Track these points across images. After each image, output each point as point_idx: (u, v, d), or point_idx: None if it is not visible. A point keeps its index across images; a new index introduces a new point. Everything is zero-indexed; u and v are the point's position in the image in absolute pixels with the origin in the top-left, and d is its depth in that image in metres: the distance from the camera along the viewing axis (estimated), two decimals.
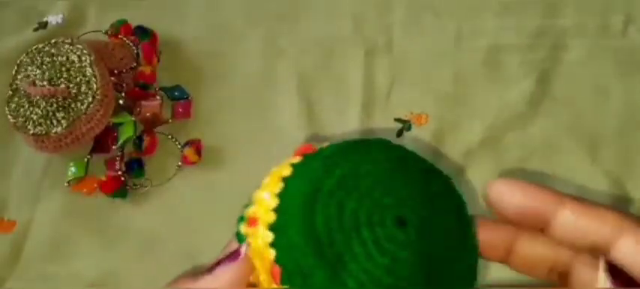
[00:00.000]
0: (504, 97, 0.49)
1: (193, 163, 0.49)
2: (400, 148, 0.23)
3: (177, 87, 0.51)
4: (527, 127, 0.48)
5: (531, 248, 0.23)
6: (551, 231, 0.21)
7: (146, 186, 0.49)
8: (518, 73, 0.49)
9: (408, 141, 0.48)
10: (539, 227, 0.22)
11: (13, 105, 0.48)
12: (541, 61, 0.49)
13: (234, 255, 0.22)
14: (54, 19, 0.54)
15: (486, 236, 0.23)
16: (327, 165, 0.22)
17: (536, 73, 0.49)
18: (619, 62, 0.49)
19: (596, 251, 0.21)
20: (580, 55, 0.49)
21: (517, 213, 0.21)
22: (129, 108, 0.49)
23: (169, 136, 0.50)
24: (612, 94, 0.48)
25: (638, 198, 0.45)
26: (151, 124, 0.50)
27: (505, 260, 0.23)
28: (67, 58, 0.47)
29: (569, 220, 0.21)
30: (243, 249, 0.22)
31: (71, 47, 0.48)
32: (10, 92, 0.48)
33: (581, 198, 0.21)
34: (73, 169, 0.49)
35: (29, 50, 0.49)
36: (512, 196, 0.21)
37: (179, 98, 0.51)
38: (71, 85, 0.46)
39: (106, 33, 0.53)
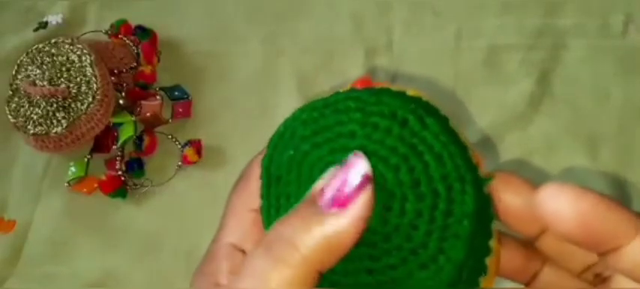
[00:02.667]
0: (504, 97, 0.49)
1: (193, 163, 0.49)
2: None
3: (177, 87, 0.51)
4: (527, 127, 0.48)
5: (556, 277, 0.22)
6: (615, 260, 0.19)
7: (146, 186, 0.49)
8: (518, 73, 0.49)
9: None
10: (599, 250, 0.19)
11: (14, 105, 0.48)
12: (541, 61, 0.49)
13: (363, 181, 0.19)
14: (54, 18, 0.54)
15: (517, 263, 0.22)
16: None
17: (537, 73, 0.49)
18: (619, 62, 0.49)
19: None
20: (580, 54, 0.49)
21: (579, 229, 0.18)
22: (129, 108, 0.49)
23: (169, 136, 0.50)
24: (612, 94, 0.48)
25: (637, 198, 0.45)
26: (151, 124, 0.50)
27: (527, 283, 0.23)
28: (67, 58, 0.47)
29: None
30: (365, 166, 0.19)
31: (71, 47, 0.48)
32: (11, 92, 0.48)
33: None
34: (73, 169, 0.49)
35: (29, 50, 0.49)
36: (577, 207, 0.18)
37: (179, 98, 0.51)
38: (71, 85, 0.46)
39: (106, 33, 0.53)
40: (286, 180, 0.22)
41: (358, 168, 0.19)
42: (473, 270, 0.20)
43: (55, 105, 0.46)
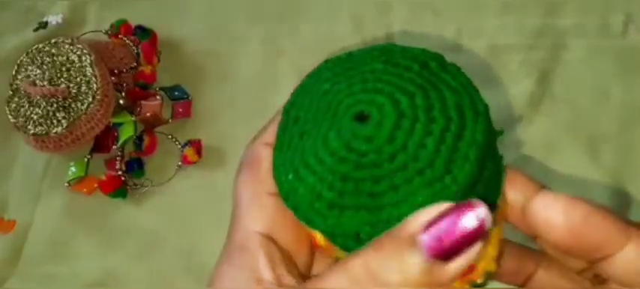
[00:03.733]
0: (504, 97, 0.49)
1: (193, 163, 0.49)
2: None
3: (177, 87, 0.51)
4: (527, 127, 0.48)
5: (550, 279, 0.22)
6: (606, 267, 0.19)
7: (146, 186, 0.49)
8: (518, 73, 0.49)
9: None
10: (590, 258, 0.19)
11: (14, 105, 0.48)
12: (541, 61, 0.49)
13: None
14: (54, 18, 0.54)
15: (511, 265, 0.22)
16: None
17: (537, 73, 0.49)
18: (619, 62, 0.49)
19: None
20: (580, 54, 0.49)
21: (570, 239, 0.18)
22: (129, 108, 0.49)
23: (169, 136, 0.50)
24: (612, 94, 0.48)
25: (637, 198, 0.45)
26: (151, 124, 0.50)
27: (521, 284, 0.23)
28: (67, 58, 0.47)
29: (633, 261, 0.18)
30: (484, 211, 0.18)
31: (71, 47, 0.48)
32: (11, 92, 0.48)
33: None
34: (73, 169, 0.49)
35: (29, 50, 0.49)
36: (567, 218, 0.18)
37: (179, 98, 0.51)
38: (71, 85, 0.46)
39: (106, 33, 0.53)
40: (304, 119, 0.22)
41: (477, 210, 0.18)
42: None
43: (55, 105, 0.46)
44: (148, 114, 0.49)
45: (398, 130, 0.20)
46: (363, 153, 0.20)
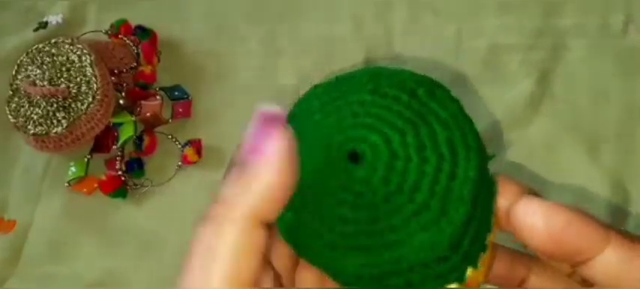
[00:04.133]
0: (504, 97, 0.48)
1: (193, 163, 0.49)
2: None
3: (177, 87, 0.51)
4: (527, 127, 0.48)
5: (543, 284, 0.22)
6: (586, 270, 0.19)
7: (146, 186, 0.49)
8: (518, 73, 0.49)
9: None
10: (571, 262, 0.19)
11: (14, 105, 0.48)
12: (541, 61, 0.49)
13: (274, 121, 0.19)
14: (54, 18, 0.54)
15: (502, 270, 0.22)
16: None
17: (537, 73, 0.49)
18: (619, 62, 0.49)
19: None
20: (580, 54, 0.49)
21: (551, 244, 0.19)
22: (129, 108, 0.49)
23: (169, 136, 0.50)
24: (612, 94, 0.48)
25: (637, 197, 0.45)
26: (151, 124, 0.50)
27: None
28: (67, 58, 0.47)
29: (612, 264, 0.19)
30: (278, 109, 0.19)
31: (71, 47, 0.48)
32: (11, 92, 0.48)
33: (628, 234, 0.19)
34: (73, 169, 0.49)
35: (29, 50, 0.49)
36: (548, 224, 0.19)
37: (179, 98, 0.51)
38: (71, 85, 0.46)
39: (106, 33, 0.53)
40: (298, 150, 0.22)
41: (275, 114, 0.19)
42: (474, 241, 0.20)
43: (55, 105, 0.46)
44: (148, 114, 0.49)
45: (392, 172, 0.20)
46: (359, 194, 0.20)
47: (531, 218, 0.19)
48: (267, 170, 0.18)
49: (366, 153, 0.20)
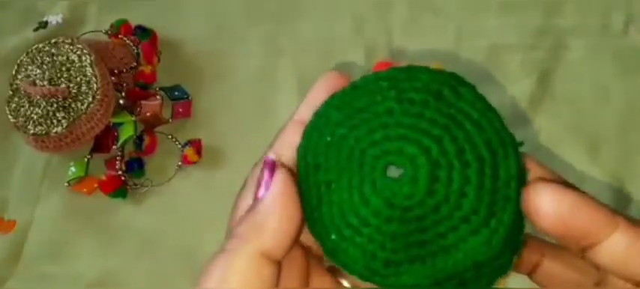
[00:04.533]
0: (505, 97, 0.48)
1: (193, 163, 0.49)
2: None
3: (177, 87, 0.51)
4: (527, 127, 0.48)
5: (556, 268, 0.22)
6: (594, 255, 0.19)
7: (146, 186, 0.49)
8: (518, 73, 0.49)
9: None
10: (579, 246, 0.20)
11: (14, 105, 0.47)
12: (542, 61, 0.49)
13: (269, 166, 0.21)
14: (54, 18, 0.54)
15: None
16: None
17: (537, 73, 0.49)
18: (619, 61, 0.49)
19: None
20: (581, 54, 0.49)
21: (559, 227, 0.19)
22: (129, 108, 0.49)
23: (169, 136, 0.50)
24: (613, 94, 0.48)
25: (637, 197, 0.45)
26: (151, 124, 0.50)
27: (530, 273, 0.23)
28: (67, 58, 0.47)
29: (619, 248, 0.19)
30: (271, 155, 0.21)
31: (71, 47, 0.48)
32: (11, 92, 0.48)
33: (637, 221, 0.19)
34: (73, 169, 0.48)
35: (29, 50, 0.49)
36: (557, 207, 0.19)
37: (179, 98, 0.51)
38: (71, 85, 0.46)
39: (106, 33, 0.53)
40: (325, 167, 0.22)
41: (268, 159, 0.21)
42: (518, 232, 0.20)
43: (55, 105, 0.46)
44: (148, 114, 0.49)
45: (436, 183, 0.20)
46: (406, 209, 0.20)
47: (542, 200, 0.19)
48: (272, 212, 0.20)
49: (406, 166, 0.20)
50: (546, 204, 0.19)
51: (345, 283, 0.23)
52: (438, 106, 0.21)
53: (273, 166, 0.21)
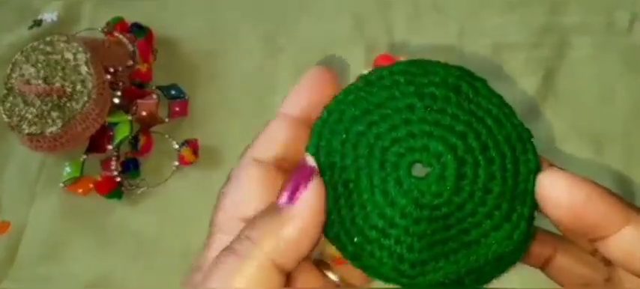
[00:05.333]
0: (509, 95, 0.48)
1: (190, 163, 0.48)
2: None
3: (173, 86, 0.51)
4: (531, 125, 0.47)
5: (568, 263, 0.22)
6: (604, 247, 0.19)
7: (142, 187, 0.48)
8: (523, 71, 0.49)
9: None
10: (590, 237, 0.20)
11: (8, 105, 0.47)
12: (546, 59, 0.49)
13: (304, 172, 0.20)
14: (49, 16, 0.54)
15: (530, 249, 0.22)
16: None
17: (542, 71, 0.48)
18: (624, 60, 0.48)
19: None
20: (585, 52, 0.49)
21: (572, 216, 0.19)
22: (125, 107, 0.49)
23: (166, 136, 0.49)
24: (617, 92, 0.48)
25: None
26: (147, 124, 0.49)
27: (543, 267, 0.23)
28: (62, 57, 0.47)
29: (631, 242, 0.19)
30: (310, 160, 0.21)
31: (66, 45, 0.47)
32: (5, 91, 0.48)
33: None
34: (68, 169, 0.48)
35: (24, 48, 0.48)
36: (571, 195, 0.19)
37: (176, 97, 0.50)
38: (66, 84, 0.46)
39: (101, 31, 0.52)
40: (341, 165, 0.21)
41: (306, 165, 0.20)
42: (533, 223, 0.21)
43: (49, 105, 0.46)
44: (144, 113, 0.48)
45: (463, 180, 0.20)
46: (434, 208, 0.20)
47: (555, 190, 0.19)
48: (296, 223, 0.19)
49: (433, 163, 0.20)
50: (559, 194, 0.19)
51: (332, 276, 0.23)
52: (459, 102, 0.21)
53: (310, 174, 0.20)
